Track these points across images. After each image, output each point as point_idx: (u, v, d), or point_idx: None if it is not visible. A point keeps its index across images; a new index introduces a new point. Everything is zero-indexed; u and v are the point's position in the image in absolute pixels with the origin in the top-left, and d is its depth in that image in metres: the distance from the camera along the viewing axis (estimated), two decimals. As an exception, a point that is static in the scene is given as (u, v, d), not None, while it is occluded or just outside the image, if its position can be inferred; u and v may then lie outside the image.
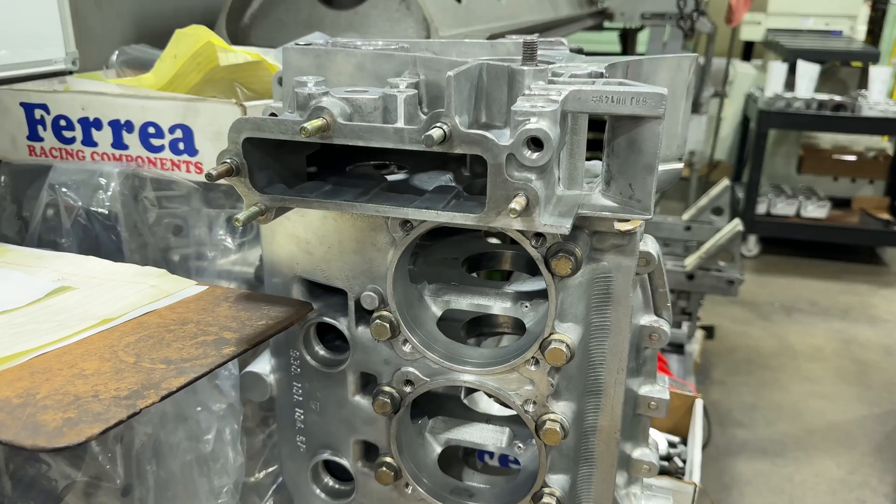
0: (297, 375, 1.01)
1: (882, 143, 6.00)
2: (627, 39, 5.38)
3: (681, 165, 1.02)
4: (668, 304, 0.98)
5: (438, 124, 0.70)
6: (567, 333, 0.84)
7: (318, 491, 1.06)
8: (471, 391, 1.15)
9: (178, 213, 1.25)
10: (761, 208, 5.52)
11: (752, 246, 5.67)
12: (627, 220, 0.83)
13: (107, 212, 1.17)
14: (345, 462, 1.02)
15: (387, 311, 0.89)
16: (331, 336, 1.00)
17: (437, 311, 0.95)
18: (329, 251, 0.91)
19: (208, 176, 0.76)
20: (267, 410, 1.40)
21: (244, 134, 0.76)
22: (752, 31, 6.41)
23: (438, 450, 1.03)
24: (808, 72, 5.39)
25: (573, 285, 0.84)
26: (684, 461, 1.67)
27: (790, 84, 5.40)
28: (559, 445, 0.90)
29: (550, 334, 0.84)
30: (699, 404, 1.71)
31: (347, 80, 0.89)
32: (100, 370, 0.72)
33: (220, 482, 1.12)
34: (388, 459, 0.96)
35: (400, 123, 0.75)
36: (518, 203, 0.69)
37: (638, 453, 1.02)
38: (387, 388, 0.92)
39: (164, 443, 1.02)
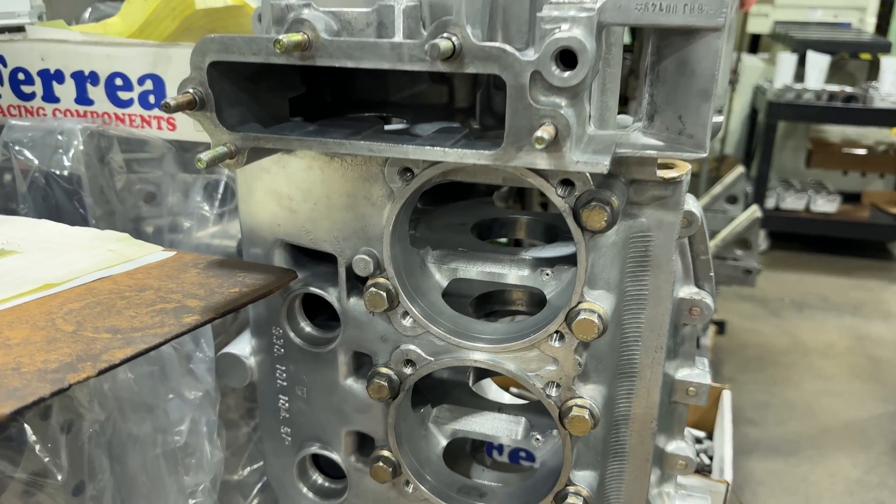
0: (280, 357, 0.88)
1: (892, 136, 5.87)
2: None
3: (721, 119, 0.88)
4: (711, 274, 0.85)
5: (446, 34, 0.56)
6: (598, 303, 0.70)
7: (304, 490, 0.92)
8: (479, 377, 1.01)
9: (149, 179, 1.11)
10: (770, 203, 5.40)
11: (761, 241, 5.54)
12: (671, 168, 0.70)
13: (68, 174, 1.04)
14: (336, 456, 0.88)
15: (383, 278, 0.75)
16: (321, 317, 0.87)
17: (441, 280, 0.81)
18: (315, 208, 0.77)
19: (164, 106, 0.62)
20: (252, 401, 1.26)
21: (209, 57, 0.63)
22: (759, 23, 6.28)
23: (443, 442, 0.89)
24: (818, 63, 5.27)
25: (606, 245, 0.70)
26: (711, 458, 1.54)
27: (800, 76, 5.28)
28: (586, 436, 0.76)
29: (578, 303, 0.70)
30: (727, 396, 1.57)
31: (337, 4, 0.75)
32: (28, 339, 0.58)
33: (194, 479, 0.98)
34: (386, 453, 0.83)
35: (398, 38, 0.62)
36: (546, 132, 0.55)
37: (673, 447, 0.89)
38: (384, 370, 0.79)
39: (127, 434, 0.89)
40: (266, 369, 0.90)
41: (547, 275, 0.78)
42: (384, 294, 0.74)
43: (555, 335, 0.72)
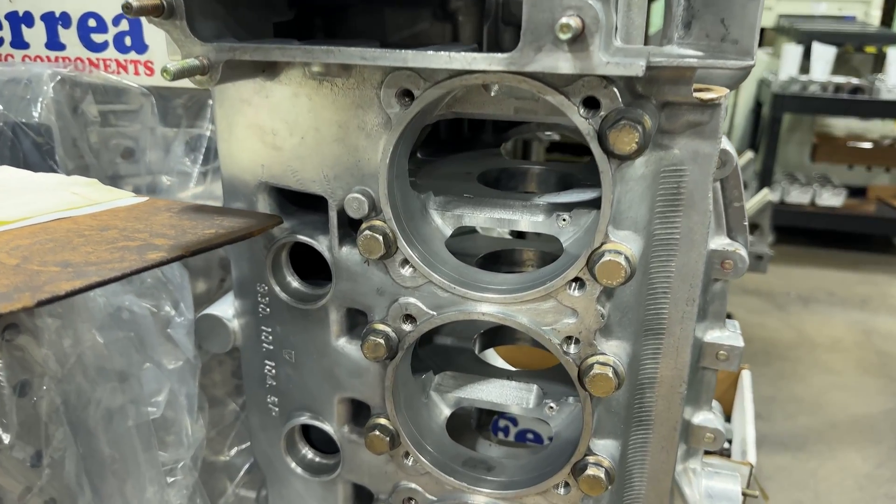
0: (266, 318, 0.79)
1: (898, 130, 5.79)
2: None
3: (752, 62, 0.80)
4: (745, 224, 0.76)
5: None
6: (624, 244, 0.61)
7: (293, 465, 0.83)
8: (486, 345, 0.92)
9: (127, 132, 1.02)
10: (775, 197, 5.32)
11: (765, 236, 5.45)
12: (709, 90, 0.61)
13: (37, 125, 0.95)
14: (327, 428, 0.80)
15: (379, 221, 0.66)
16: (313, 280, 0.78)
17: (445, 227, 0.72)
18: (302, 143, 0.68)
19: (126, 7, 0.53)
20: (239, 377, 1.17)
21: (179, -46, 0.54)
22: (763, 17, 6.21)
23: (446, 412, 0.80)
24: (823, 54, 5.19)
25: (634, 178, 0.61)
26: (730, 441, 1.45)
27: (805, 69, 5.20)
28: (608, 400, 0.68)
29: (602, 244, 0.61)
30: (747, 376, 1.49)
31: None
32: (-40, 272, 0.49)
33: (173, 456, 0.89)
34: (383, 421, 0.74)
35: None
36: (574, 21, 0.47)
37: (700, 419, 0.80)
38: (380, 327, 0.70)
39: (94, 403, 0.80)
40: (251, 332, 0.81)
41: (564, 220, 0.70)
42: (380, 238, 0.65)
43: (574, 283, 0.63)
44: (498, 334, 0.92)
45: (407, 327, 0.69)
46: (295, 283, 0.76)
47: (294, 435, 0.83)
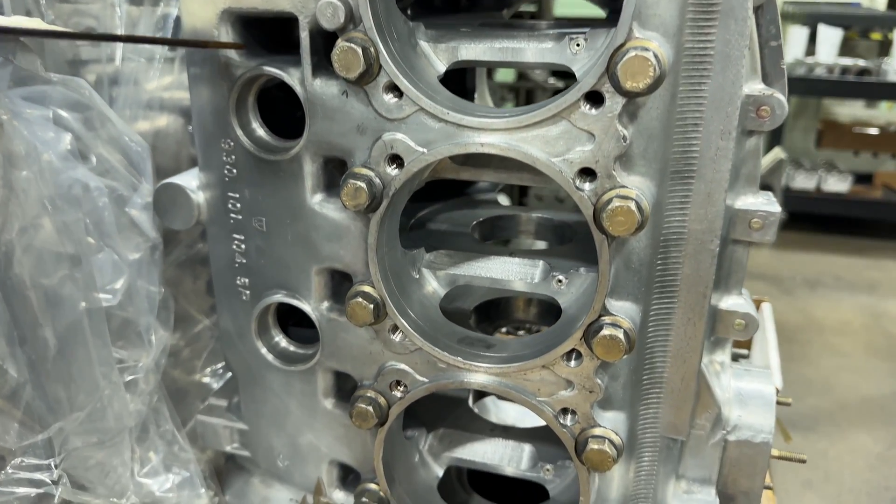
0: (232, 181, 0.69)
1: (905, 116, 5.71)
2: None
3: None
4: (783, 67, 0.66)
5: None
6: (653, 41, 0.51)
7: (265, 351, 0.73)
8: (485, 236, 0.82)
9: (87, 10, 0.92)
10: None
11: (771, 218, 5.36)
12: None
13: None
14: (304, 306, 0.69)
15: (359, 33, 0.56)
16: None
17: (438, 63, 0.62)
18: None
19: None
20: (213, 295, 1.07)
21: None
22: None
23: (440, 290, 0.70)
24: (830, 37, 5.11)
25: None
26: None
27: (811, 52, 5.13)
28: (628, 252, 0.58)
29: (626, 41, 0.51)
30: (767, 308, 1.39)
31: None
32: None
33: (132, 354, 0.79)
34: (366, 288, 0.63)
35: None
36: None
37: (729, 303, 0.70)
38: (362, 170, 0.60)
39: (30, 282, 0.70)
40: (216, 203, 0.71)
41: (578, 45, 0.59)
42: (359, 51, 0.55)
43: (589, 100, 0.53)
44: (497, 225, 0.82)
45: (392, 171, 0.59)
46: (261, 130, 0.66)
47: (267, 318, 0.73)
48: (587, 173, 0.55)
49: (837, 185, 5.35)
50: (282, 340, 0.74)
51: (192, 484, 0.77)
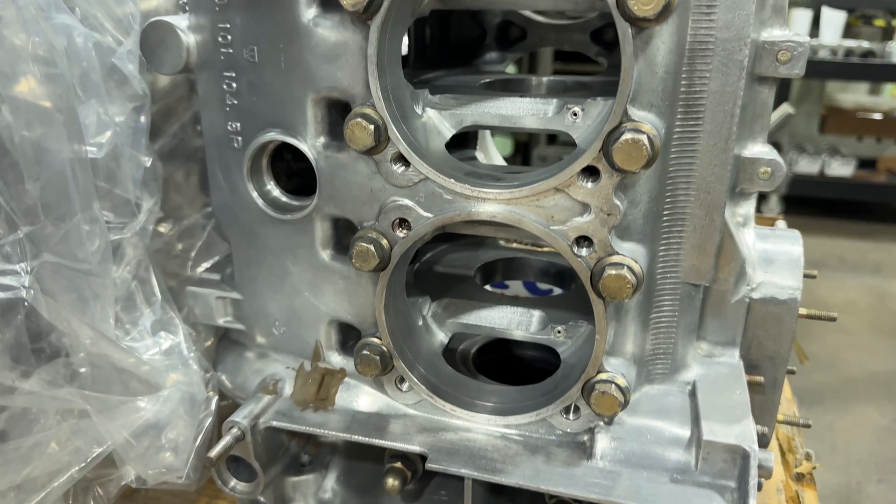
0: (223, 9, 0.64)
1: (909, 101, 5.67)
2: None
3: None
4: None
5: None
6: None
7: (255, 195, 0.68)
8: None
9: None
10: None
11: (773, 205, 5.32)
12: None
13: None
14: (301, 145, 0.64)
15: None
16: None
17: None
18: None
19: None
20: (208, 193, 1.02)
21: None
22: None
23: (447, 135, 0.65)
24: (833, 19, 5.08)
25: None
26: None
27: (814, 35, 5.09)
28: (650, 55, 0.53)
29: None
30: (782, 225, 1.34)
31: None
32: None
33: (118, 217, 0.74)
34: (367, 110, 0.59)
35: None
36: None
37: (753, 150, 0.65)
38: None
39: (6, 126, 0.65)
40: (206, 41, 0.66)
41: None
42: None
43: None
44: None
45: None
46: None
47: (260, 161, 0.68)
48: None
49: (841, 169, 5.32)
50: (274, 189, 0.69)
51: (180, 349, 0.72)
